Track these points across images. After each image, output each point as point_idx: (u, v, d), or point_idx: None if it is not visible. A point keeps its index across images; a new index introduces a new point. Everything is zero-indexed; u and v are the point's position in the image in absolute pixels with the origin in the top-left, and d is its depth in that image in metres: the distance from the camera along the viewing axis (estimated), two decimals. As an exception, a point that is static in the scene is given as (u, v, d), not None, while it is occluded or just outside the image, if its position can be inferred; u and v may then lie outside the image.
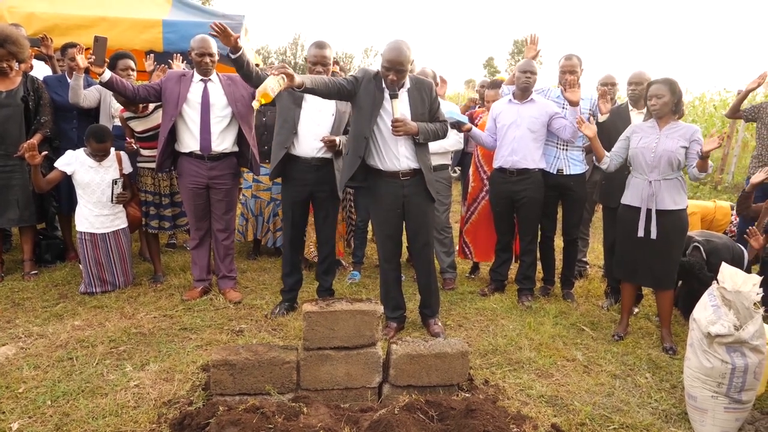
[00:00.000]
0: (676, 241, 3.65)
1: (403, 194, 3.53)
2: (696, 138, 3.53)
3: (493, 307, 4.23)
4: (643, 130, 3.68)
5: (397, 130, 3.29)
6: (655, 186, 3.57)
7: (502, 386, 3.01)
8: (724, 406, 2.66)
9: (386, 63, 3.26)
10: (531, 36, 4.68)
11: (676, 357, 3.48)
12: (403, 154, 3.46)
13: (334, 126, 3.73)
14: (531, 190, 4.22)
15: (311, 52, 3.65)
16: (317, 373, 2.74)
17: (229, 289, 4.19)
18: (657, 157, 3.53)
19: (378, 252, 3.79)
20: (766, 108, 5.06)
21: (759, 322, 2.66)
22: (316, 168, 3.74)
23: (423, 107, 3.48)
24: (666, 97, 3.53)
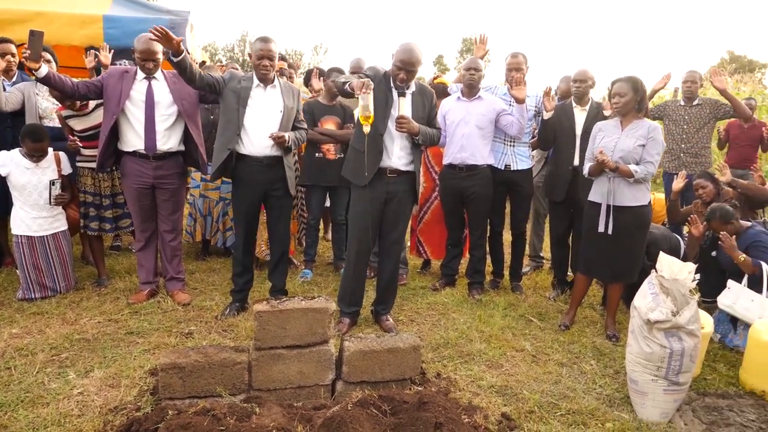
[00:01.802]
0: (638, 236, 3.72)
1: (387, 191, 3.58)
2: (652, 136, 3.56)
3: (444, 301, 4.29)
4: (608, 129, 3.73)
5: (402, 127, 3.39)
6: (615, 183, 3.63)
7: (454, 378, 3.06)
8: (663, 389, 2.79)
9: (399, 63, 3.39)
10: (480, 35, 4.76)
11: (619, 344, 3.62)
12: (396, 154, 3.54)
13: (282, 122, 3.71)
14: (480, 185, 4.30)
15: (256, 46, 3.61)
16: (269, 373, 2.72)
17: (177, 291, 4.10)
18: (614, 156, 3.58)
19: (350, 246, 3.76)
20: (671, 105, 5.40)
21: (694, 307, 2.80)
22: (268, 167, 3.71)
23: (423, 112, 3.61)
24: (628, 95, 3.57)
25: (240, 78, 3.67)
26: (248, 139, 3.64)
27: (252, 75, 3.68)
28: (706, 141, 5.27)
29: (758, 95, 12.07)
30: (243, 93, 3.60)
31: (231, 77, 3.67)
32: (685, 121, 5.26)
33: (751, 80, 17.04)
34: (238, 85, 3.62)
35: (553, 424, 2.68)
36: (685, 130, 5.25)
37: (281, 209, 3.89)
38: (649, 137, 3.56)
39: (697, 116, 5.23)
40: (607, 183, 3.64)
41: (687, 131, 5.25)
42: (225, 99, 3.63)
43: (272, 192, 3.80)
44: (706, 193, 4.56)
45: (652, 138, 3.56)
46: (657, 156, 3.59)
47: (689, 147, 5.23)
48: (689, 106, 5.28)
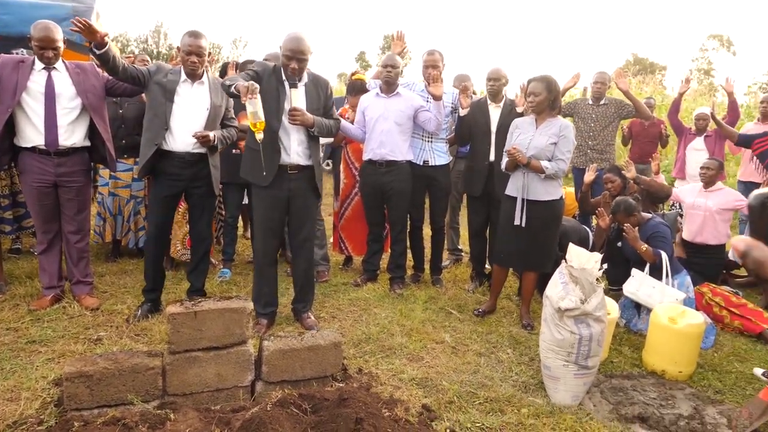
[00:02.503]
0: (550, 229, 3.88)
1: (289, 188, 3.51)
2: (564, 134, 3.70)
3: (366, 296, 4.30)
4: (523, 126, 3.85)
5: (294, 119, 3.29)
6: (528, 178, 3.76)
7: (376, 373, 3.08)
8: (573, 373, 2.92)
9: (288, 52, 3.27)
10: (397, 32, 4.79)
11: (534, 332, 3.77)
12: (294, 149, 3.46)
13: (208, 120, 3.61)
14: (399, 181, 4.34)
15: (186, 41, 3.47)
16: (185, 377, 2.62)
17: (84, 295, 3.87)
18: (529, 153, 3.70)
19: (256, 247, 3.70)
20: (580, 103, 5.70)
21: (601, 295, 2.95)
22: (191, 164, 3.60)
23: (318, 103, 3.51)
24: (542, 95, 3.69)
25: (167, 71, 3.53)
26: (172, 135, 3.51)
27: (180, 69, 3.55)
28: (611, 138, 5.58)
29: (658, 95, 12.94)
30: (170, 87, 3.47)
31: (157, 69, 3.54)
32: (592, 119, 5.54)
33: (652, 81, 18.22)
34: (165, 79, 3.49)
35: (471, 413, 2.75)
36: (593, 128, 5.53)
37: (203, 207, 3.79)
38: (561, 135, 3.70)
39: (604, 115, 5.52)
40: (522, 178, 3.78)
41: (594, 129, 5.53)
42: (151, 92, 3.49)
43: (194, 190, 3.69)
44: (614, 187, 4.83)
45: (564, 136, 3.71)
46: (568, 153, 3.74)
47: (596, 144, 5.52)
48: (597, 105, 5.57)
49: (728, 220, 4.76)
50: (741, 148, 5.71)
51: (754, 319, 3.94)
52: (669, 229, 4.22)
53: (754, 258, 0.46)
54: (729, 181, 7.22)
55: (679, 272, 4.07)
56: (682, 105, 7.58)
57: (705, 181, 4.74)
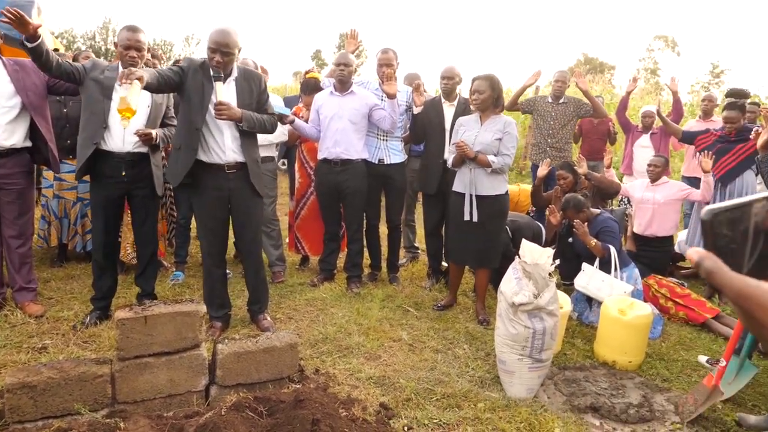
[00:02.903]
0: (497, 223, 3.97)
1: (229, 188, 3.41)
2: (507, 130, 3.80)
3: (323, 296, 4.27)
4: (468, 124, 3.93)
5: (221, 114, 3.19)
6: (475, 173, 3.84)
7: (333, 373, 3.06)
8: (528, 366, 2.98)
9: (212, 44, 3.18)
10: (351, 31, 4.77)
11: (490, 328, 3.81)
12: (229, 147, 3.36)
13: (150, 118, 3.49)
14: (355, 179, 4.32)
15: (123, 35, 3.35)
16: (135, 384, 2.55)
17: (28, 303, 3.71)
18: (475, 149, 3.77)
19: (201, 249, 3.62)
20: (540, 101, 5.80)
21: (553, 289, 3.01)
22: (132, 164, 3.47)
23: (251, 98, 3.42)
24: (486, 92, 3.79)
25: (104, 68, 3.39)
26: (110, 135, 3.38)
27: (117, 65, 3.41)
28: (569, 137, 5.68)
29: (607, 94, 13.31)
30: (107, 84, 3.33)
31: (93, 66, 3.39)
32: (552, 117, 5.63)
33: (601, 80, 18.75)
34: (102, 75, 3.35)
35: (429, 409, 2.76)
36: (552, 126, 5.62)
37: (147, 210, 3.65)
38: (505, 131, 3.81)
39: (563, 113, 5.61)
40: (469, 174, 3.85)
41: (553, 127, 5.62)
42: (87, 90, 3.34)
43: (136, 191, 3.56)
44: (566, 183, 4.94)
45: (508, 132, 3.82)
46: (513, 149, 3.85)
47: (554, 141, 5.61)
48: (556, 104, 5.65)
49: (677, 211, 4.94)
50: (684, 145, 5.92)
51: (698, 309, 4.10)
52: (617, 224, 4.35)
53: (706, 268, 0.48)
54: (674, 176, 7.49)
55: (627, 265, 4.19)
56: (630, 103, 7.84)
57: (652, 177, 4.91)
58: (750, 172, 4.61)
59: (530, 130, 11.20)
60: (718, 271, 0.54)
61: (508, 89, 14.99)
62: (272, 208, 4.64)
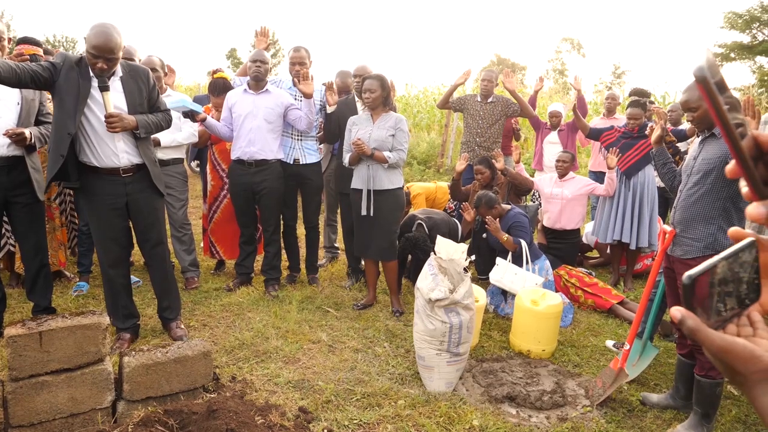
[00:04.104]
0: (394, 216, 4.08)
1: (126, 192, 3.18)
2: (399, 127, 3.94)
3: (239, 301, 4.15)
4: (361, 122, 4.01)
5: (113, 127, 2.93)
6: (372, 170, 3.93)
7: (250, 380, 2.97)
8: (446, 361, 3.02)
9: (93, 50, 2.86)
10: (261, 28, 4.66)
11: (410, 325, 3.84)
12: (122, 149, 3.12)
13: (21, 116, 3.21)
14: (270, 180, 4.23)
15: None
16: (31, 405, 2.36)
17: None
18: (370, 146, 3.84)
19: (99, 258, 3.37)
20: (470, 100, 5.89)
21: (468, 283, 3.07)
22: (7, 169, 3.19)
23: (141, 97, 3.16)
24: (377, 92, 3.89)
25: None
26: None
27: None
28: (497, 136, 5.76)
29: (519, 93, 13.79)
30: None
31: None
32: (480, 117, 5.71)
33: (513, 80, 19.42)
34: None
35: (349, 410, 2.74)
36: (480, 125, 5.70)
37: (31, 218, 3.37)
38: (397, 128, 3.94)
39: (491, 113, 5.70)
40: (366, 170, 3.94)
41: (482, 126, 5.70)
42: None
43: (15, 199, 3.28)
44: (483, 178, 5.06)
45: (400, 129, 3.95)
46: (405, 144, 3.99)
47: (483, 140, 5.69)
48: (485, 103, 5.73)
49: (584, 205, 5.18)
50: (590, 141, 6.22)
51: (604, 296, 4.32)
52: (527, 219, 4.51)
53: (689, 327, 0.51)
54: (581, 171, 7.87)
55: (538, 258, 4.35)
56: (540, 102, 8.15)
57: (560, 173, 5.12)
58: (651, 166, 4.90)
59: (446, 129, 11.46)
60: (700, 329, 0.60)
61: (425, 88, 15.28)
62: (183, 211, 4.45)
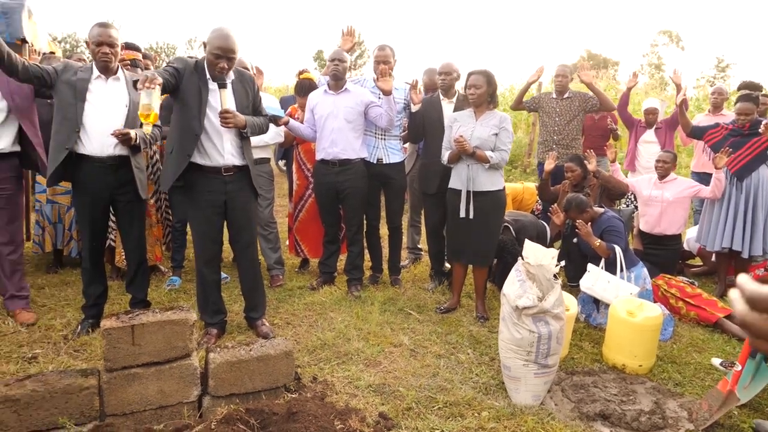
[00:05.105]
0: (495, 219, 3.92)
1: (226, 191, 3.33)
2: (504, 126, 3.77)
3: (322, 300, 4.16)
4: (462, 119, 3.88)
5: (227, 122, 3.12)
6: (473, 170, 3.78)
7: (331, 381, 2.95)
8: (534, 373, 2.86)
9: (217, 50, 3.09)
10: (348, 28, 4.66)
11: (495, 331, 3.69)
12: (228, 150, 3.29)
13: (128, 118, 3.36)
14: (354, 180, 4.22)
15: (94, 32, 3.23)
16: (124, 396, 2.45)
17: (19, 310, 3.62)
18: (471, 144, 3.71)
19: (195, 254, 3.52)
20: (545, 98, 5.65)
21: (558, 291, 2.89)
22: (113, 168, 3.34)
23: (247, 100, 3.36)
24: (483, 88, 3.74)
25: (76, 69, 3.26)
26: (88, 138, 3.24)
27: (91, 66, 3.29)
28: (576, 133, 5.52)
29: (611, 90, 13.14)
30: (80, 85, 3.20)
31: (65, 68, 3.26)
32: (557, 114, 5.49)
33: (605, 76, 18.56)
34: (74, 77, 3.22)
35: (430, 419, 2.65)
36: (557, 122, 5.48)
37: (132, 215, 3.53)
38: (502, 127, 3.77)
39: (568, 109, 5.46)
40: (466, 170, 3.80)
41: (559, 123, 5.47)
42: (59, 93, 3.22)
43: (119, 197, 3.43)
44: (574, 176, 4.81)
45: (504, 128, 3.78)
46: (509, 144, 3.81)
47: (561, 138, 5.46)
48: (560, 99, 5.51)
49: (686, 209, 4.80)
50: (692, 140, 5.78)
51: (709, 309, 3.96)
52: (622, 223, 4.22)
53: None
54: (681, 171, 7.35)
55: (634, 265, 4.06)
56: (635, 98, 7.69)
57: (660, 174, 4.77)
58: (765, 167, 4.47)
59: (534, 128, 11.09)
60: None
61: (511, 86, 14.92)
62: (269, 210, 4.54)
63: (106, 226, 3.56)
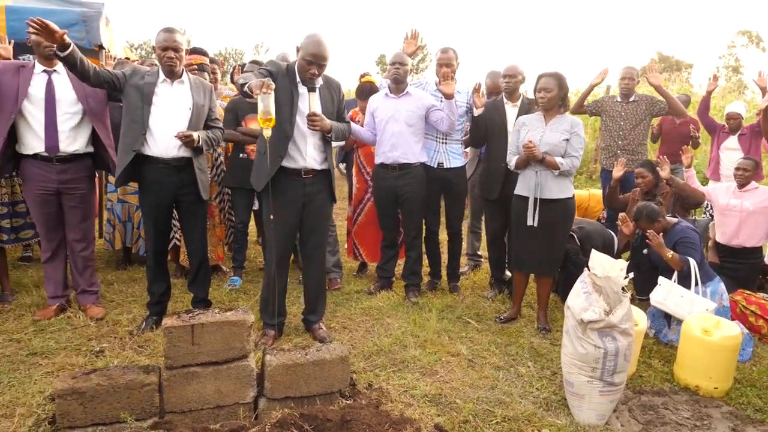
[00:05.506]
0: (562, 228, 3.77)
1: (305, 193, 3.38)
2: (575, 131, 3.62)
3: (379, 305, 4.13)
4: (531, 123, 3.75)
5: (315, 125, 3.19)
6: (541, 176, 3.65)
7: (386, 389, 2.90)
8: (599, 390, 2.71)
9: (309, 57, 3.17)
10: (411, 31, 4.61)
11: (557, 344, 3.55)
12: (310, 154, 3.34)
13: (192, 121, 3.44)
14: (413, 184, 4.17)
15: (160, 37, 3.32)
16: (183, 393, 2.49)
17: (90, 305, 3.77)
18: (541, 150, 3.58)
19: (268, 254, 3.52)
20: (608, 101, 5.41)
21: (627, 305, 2.73)
22: (177, 169, 3.42)
23: (332, 106, 3.42)
24: (554, 91, 3.61)
25: (143, 73, 3.37)
26: (153, 140, 3.34)
27: (157, 70, 3.39)
28: (643, 138, 5.28)
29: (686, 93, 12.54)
30: (147, 89, 3.31)
31: (133, 72, 3.37)
32: (621, 118, 5.26)
33: (678, 79, 17.75)
34: (141, 81, 3.32)
35: (488, 433, 2.56)
36: (622, 127, 5.26)
37: (195, 215, 3.61)
38: (573, 132, 3.62)
39: (634, 113, 5.23)
40: (534, 176, 3.67)
41: (624, 128, 5.25)
42: (127, 96, 3.33)
43: (182, 197, 3.51)
44: (645, 183, 4.59)
45: (576, 133, 3.62)
46: (580, 150, 3.65)
47: (626, 144, 5.23)
48: (626, 103, 5.28)
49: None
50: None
51: (795, 329, 3.67)
52: (697, 234, 3.97)
53: None
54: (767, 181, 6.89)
55: (711, 279, 3.82)
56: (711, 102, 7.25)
57: (740, 182, 4.46)
58: None
59: (600, 132, 10.71)
60: None
61: (577, 90, 14.47)
62: (329, 213, 4.55)
63: (169, 225, 3.66)
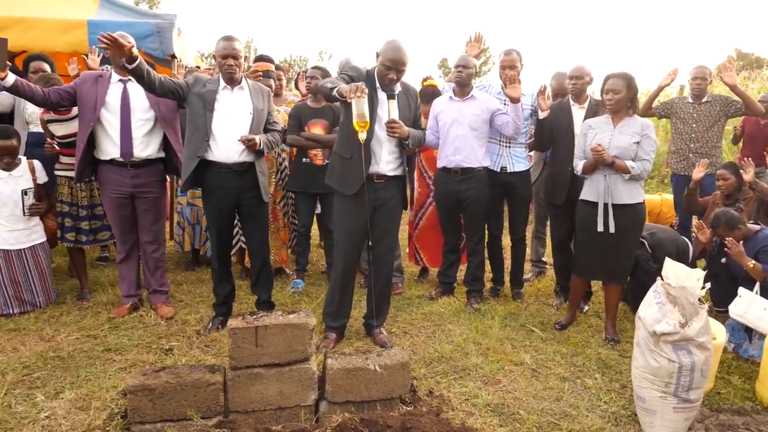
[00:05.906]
0: (633, 234, 3.64)
1: (377, 197, 3.39)
2: (646, 133, 3.48)
3: (440, 311, 4.08)
4: (599, 126, 3.63)
5: (394, 132, 3.21)
6: (611, 180, 3.52)
7: (447, 396, 2.86)
8: (672, 407, 2.57)
9: (388, 62, 3.20)
10: (475, 33, 4.56)
11: (626, 355, 3.41)
12: (384, 159, 3.36)
13: (253, 125, 3.51)
14: (476, 189, 4.10)
15: (219, 45, 3.42)
16: (246, 394, 2.53)
17: (160, 304, 3.92)
18: (610, 153, 3.46)
19: (336, 257, 3.55)
20: (678, 103, 5.14)
21: (704, 317, 2.58)
22: (239, 174, 3.51)
23: (409, 112, 3.44)
24: (623, 92, 3.49)
25: (205, 81, 3.48)
26: (216, 145, 3.43)
27: (218, 78, 3.49)
28: (717, 140, 5.01)
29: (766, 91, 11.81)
30: (209, 96, 3.41)
31: (195, 81, 3.48)
32: (693, 120, 5.01)
33: (759, 77, 16.74)
34: (203, 89, 3.43)
35: (552, 447, 2.47)
36: (694, 129, 5.00)
37: (256, 218, 3.68)
38: (644, 134, 3.48)
39: (707, 114, 4.97)
40: (603, 181, 3.54)
41: (696, 130, 4.99)
42: (191, 104, 3.45)
43: (244, 201, 3.59)
44: (726, 185, 4.35)
45: (647, 135, 3.48)
46: (652, 153, 3.50)
47: (699, 147, 4.97)
48: (698, 104, 5.03)
49: None
50: None
51: None
52: (784, 243, 3.70)
53: None
54: None
55: (798, 291, 3.55)
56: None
57: (828, 188, 4.15)
58: None
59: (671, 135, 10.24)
60: None
61: (647, 90, 13.91)
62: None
63: (232, 228, 3.76)
